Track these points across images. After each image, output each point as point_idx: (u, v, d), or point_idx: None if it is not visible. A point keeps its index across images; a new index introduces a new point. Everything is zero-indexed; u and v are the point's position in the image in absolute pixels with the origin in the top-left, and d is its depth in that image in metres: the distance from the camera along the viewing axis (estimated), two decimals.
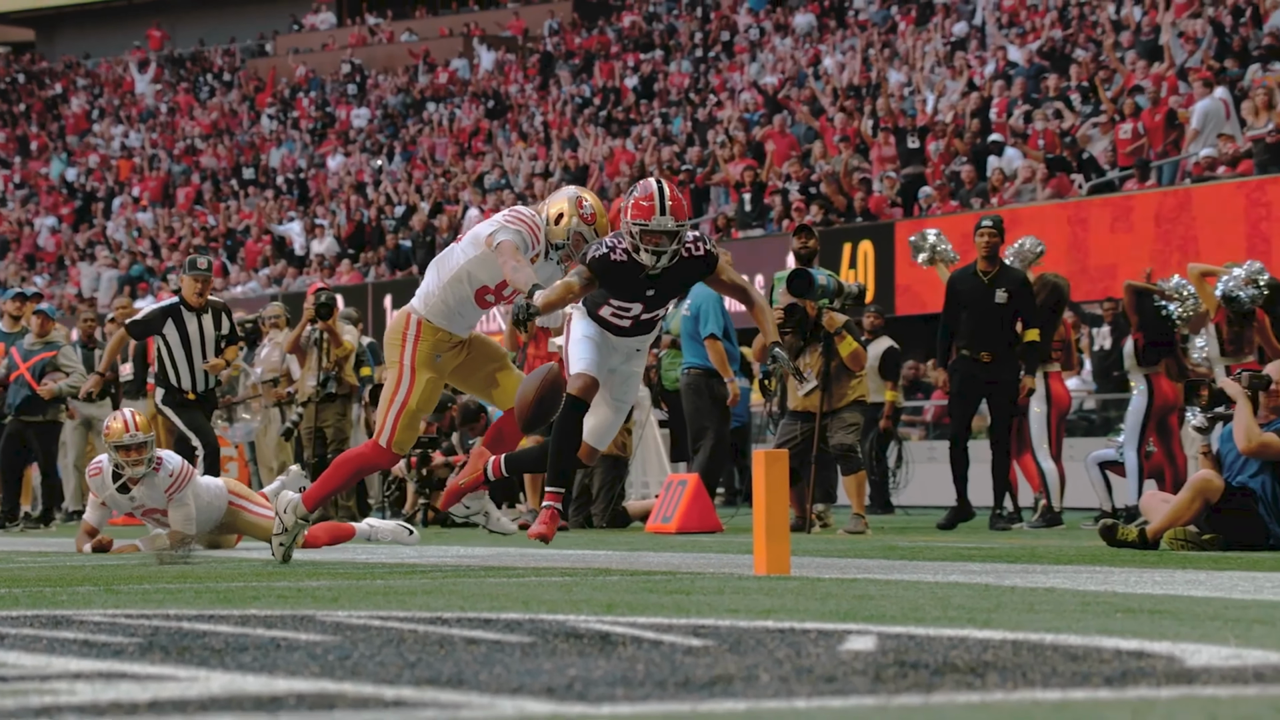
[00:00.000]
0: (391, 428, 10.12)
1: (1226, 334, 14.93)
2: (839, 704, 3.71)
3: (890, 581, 7.81)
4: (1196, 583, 7.66)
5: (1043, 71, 30.10)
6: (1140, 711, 3.58)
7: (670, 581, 7.90)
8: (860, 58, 35.25)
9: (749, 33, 40.97)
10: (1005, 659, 4.44)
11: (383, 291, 34.78)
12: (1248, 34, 27.96)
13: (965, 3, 36.13)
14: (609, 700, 3.75)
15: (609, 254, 9.17)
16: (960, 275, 15.45)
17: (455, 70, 47.11)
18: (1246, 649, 4.65)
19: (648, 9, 46.31)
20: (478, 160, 39.54)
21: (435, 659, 4.52)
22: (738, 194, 30.75)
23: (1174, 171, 25.74)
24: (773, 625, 5.44)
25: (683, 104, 38.02)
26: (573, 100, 41.02)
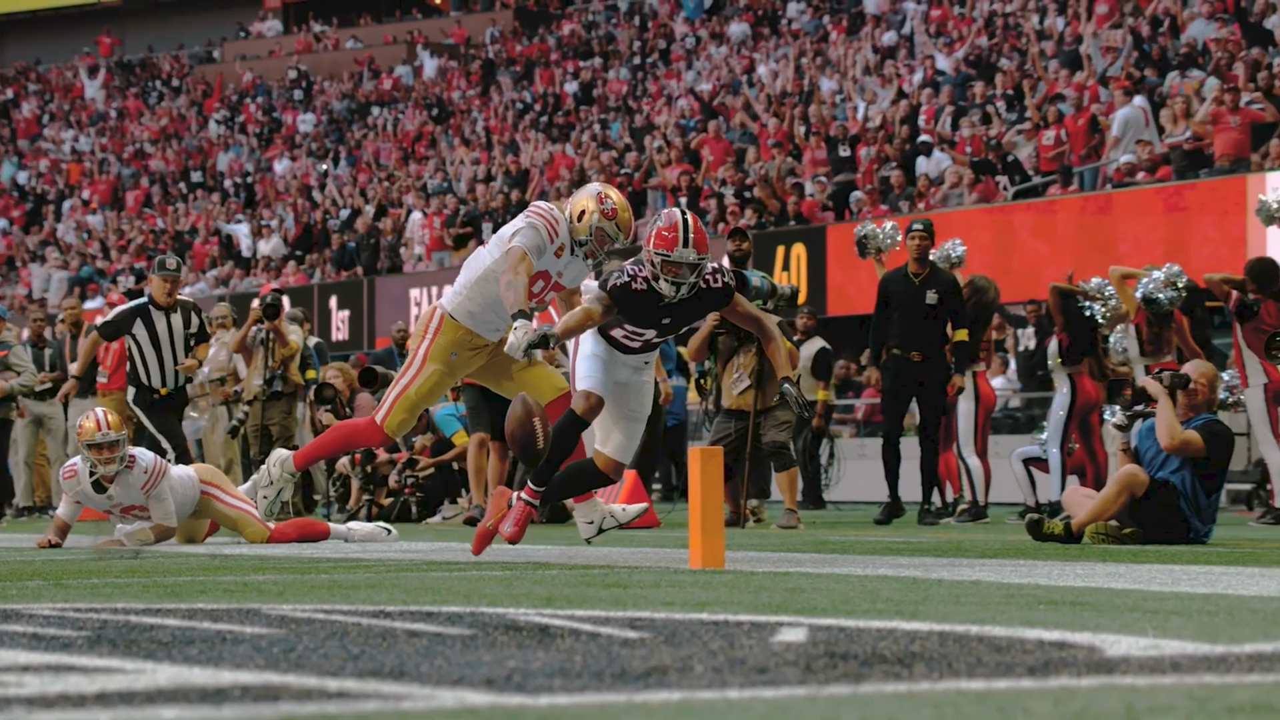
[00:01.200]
0: (388, 408, 10.09)
1: (1146, 335, 15.01)
2: (771, 694, 3.71)
3: (821, 575, 7.83)
4: (1116, 575, 7.70)
5: (969, 80, 30.22)
6: (1061, 700, 3.59)
7: (608, 575, 7.90)
8: (793, 65, 35.32)
9: (685, 41, 41.00)
10: (932, 650, 4.45)
11: (328, 293, 34.67)
12: (1166, 44, 28.14)
13: (895, 13, 36.24)
14: (547, 691, 3.75)
15: (630, 283, 9.01)
16: (891, 277, 15.51)
17: (399, 77, 47.00)
18: (1164, 639, 4.67)
19: (587, 17, 46.30)
20: (421, 164, 39.46)
21: (378, 651, 4.51)
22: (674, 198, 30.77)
23: (1095, 177, 25.88)
24: (707, 618, 5.44)
25: (621, 110, 38.02)
26: (514, 106, 40.97)
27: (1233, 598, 6.30)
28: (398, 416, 10.10)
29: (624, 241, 9.84)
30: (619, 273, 9.07)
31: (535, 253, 9.77)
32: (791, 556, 9.56)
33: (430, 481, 17.68)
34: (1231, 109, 23.77)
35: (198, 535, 12.21)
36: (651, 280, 8.99)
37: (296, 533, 12.03)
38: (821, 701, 3.60)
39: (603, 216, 9.70)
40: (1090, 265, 18.59)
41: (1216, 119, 23.83)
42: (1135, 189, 24.50)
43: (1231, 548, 10.51)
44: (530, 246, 9.74)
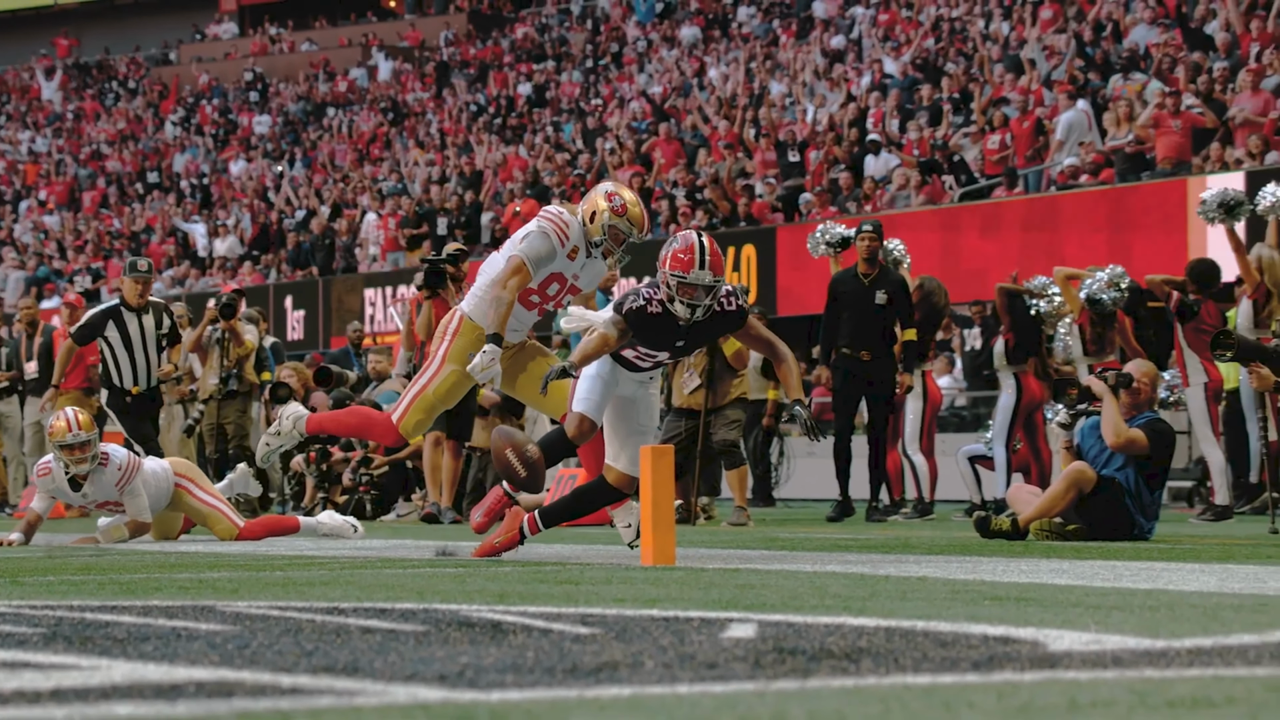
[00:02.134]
0: (405, 408, 9.92)
1: (1089, 335, 15.07)
2: (720, 689, 3.71)
3: (771, 571, 7.84)
4: (1060, 571, 7.73)
5: (916, 83, 30.31)
6: (1005, 695, 3.60)
7: (560, 572, 7.89)
8: (743, 69, 35.36)
9: (637, 44, 41.01)
10: (879, 645, 4.46)
11: (284, 293, 34.57)
12: (1109, 48, 28.27)
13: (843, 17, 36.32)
14: (499, 687, 3.75)
15: (645, 306, 8.87)
16: (841, 277, 15.55)
17: (354, 79, 46.91)
18: (1106, 634, 4.69)
19: (540, 21, 46.27)
20: (376, 166, 39.37)
21: (332, 647, 4.50)
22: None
23: (1040, 179, 25.98)
24: (658, 614, 5.45)
25: (574, 112, 38.01)
26: (468, 108, 40.92)
27: (1173, 593, 6.33)
28: (414, 417, 9.92)
29: (639, 236, 9.64)
30: (634, 296, 8.93)
31: (540, 261, 9.59)
32: (741, 553, 9.57)
33: (385, 479, 17.64)
34: (1173, 113, 23.89)
35: (172, 532, 12.16)
36: (667, 303, 8.84)
37: (265, 530, 11.99)
38: (770, 696, 3.60)
39: (613, 214, 9.54)
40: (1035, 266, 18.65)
41: (1158, 123, 23.95)
42: (1079, 191, 24.61)
43: (1173, 544, 10.56)
44: (533, 254, 9.57)
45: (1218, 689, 3.65)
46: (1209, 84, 24.86)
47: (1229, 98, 24.37)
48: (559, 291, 9.78)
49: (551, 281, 9.75)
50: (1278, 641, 4.49)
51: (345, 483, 17.66)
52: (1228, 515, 14.52)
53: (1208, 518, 14.50)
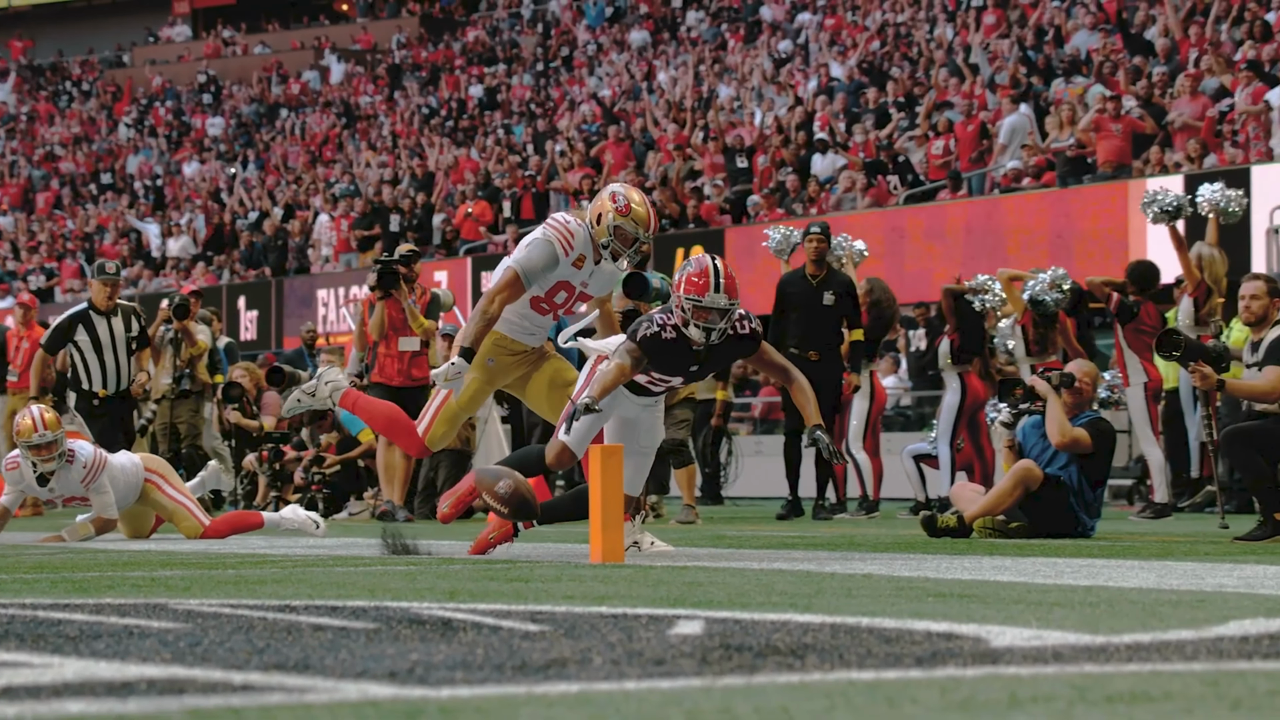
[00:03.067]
0: (429, 421, 9.73)
1: (1032, 335, 15.13)
2: (667, 685, 3.71)
3: (718, 569, 7.85)
4: (1002, 568, 7.76)
5: (862, 87, 30.38)
6: (947, 690, 3.61)
7: (510, 570, 7.88)
8: (692, 72, 35.39)
9: (587, 48, 41.00)
10: (824, 641, 4.47)
11: (236, 293, 34.46)
12: (1051, 52, 28.39)
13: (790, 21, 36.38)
14: (449, 683, 3.74)
15: (660, 332, 8.71)
16: (790, 278, 15.59)
17: (307, 81, 46.77)
18: (1047, 630, 4.71)
19: (491, 24, 46.22)
20: (328, 168, 39.27)
21: (283, 645, 4.48)
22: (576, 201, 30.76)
23: (983, 182, 26.08)
24: (606, 611, 5.44)
25: (525, 115, 37.98)
26: (419, 111, 40.85)
27: (1113, 590, 6.36)
28: (439, 429, 9.74)
29: (645, 236, 9.44)
30: (647, 322, 8.77)
31: (536, 272, 9.42)
32: (689, 551, 9.58)
33: (336, 478, 17.60)
34: (1113, 117, 24.00)
35: (144, 530, 12.08)
36: (681, 327, 8.70)
37: (229, 528, 11.93)
38: (716, 692, 3.60)
39: (617, 214, 9.35)
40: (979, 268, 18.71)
41: (1099, 127, 24.07)
42: (1021, 194, 24.71)
43: (1113, 541, 10.61)
44: (529, 266, 9.40)
45: (1156, 684, 3.67)
46: (1148, 88, 25.00)
47: (1168, 102, 24.50)
48: (567, 299, 9.60)
49: (559, 289, 9.56)
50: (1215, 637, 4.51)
51: (297, 481, 17.61)
52: (1167, 513, 14.60)
53: (1147, 515, 14.57)
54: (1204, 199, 14.94)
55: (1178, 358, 10.68)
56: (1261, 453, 10.46)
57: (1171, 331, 10.96)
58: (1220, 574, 7.21)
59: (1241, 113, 23.58)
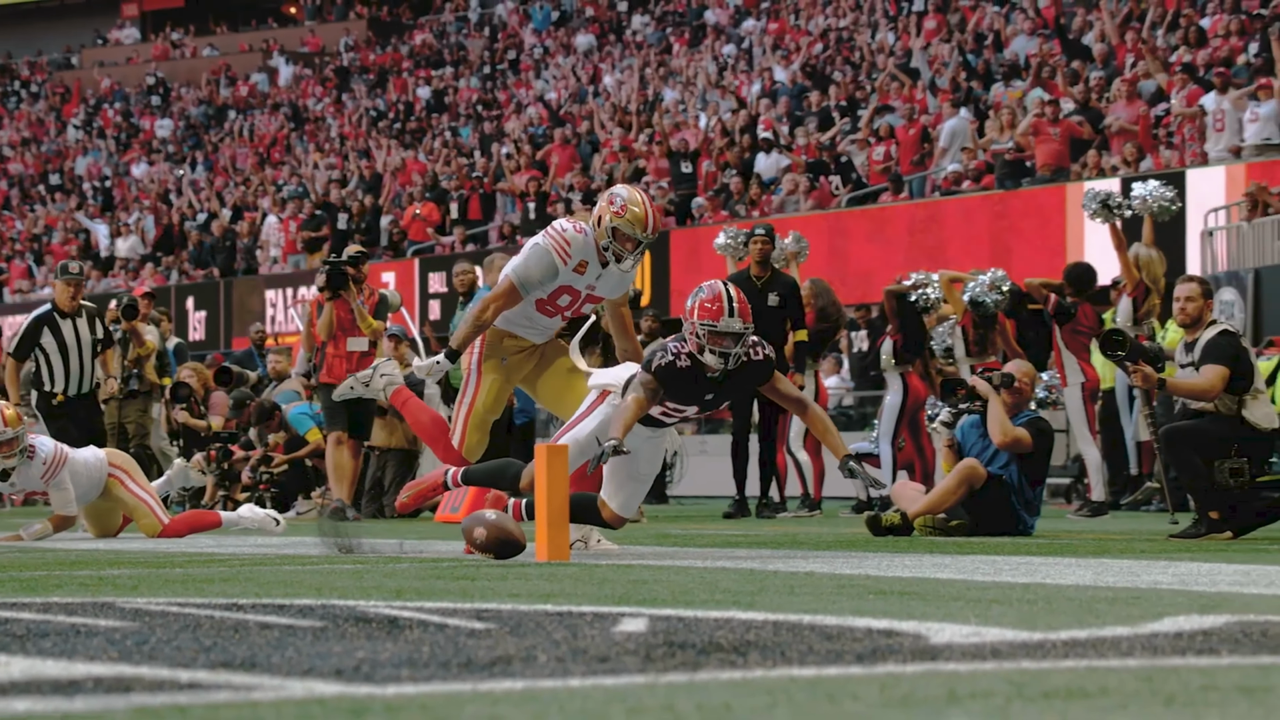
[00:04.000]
0: (461, 432, 9.58)
1: (972, 336, 15.18)
2: (611, 682, 3.71)
3: (663, 567, 7.85)
4: (942, 566, 7.78)
5: (805, 90, 30.44)
6: (887, 686, 3.62)
7: (456, 568, 7.87)
8: (637, 76, 35.40)
9: (534, 51, 40.97)
10: (766, 638, 4.47)
11: (185, 294, 34.32)
12: (990, 57, 28.51)
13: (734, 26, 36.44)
14: (394, 681, 3.73)
15: (674, 361, 8.54)
16: (735, 279, 15.59)
17: (255, 83, 46.60)
18: (985, 627, 4.73)
19: (438, 27, 46.14)
20: (277, 169, 39.14)
21: (230, 643, 4.46)
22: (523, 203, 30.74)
23: (924, 185, 26.17)
24: (551, 609, 5.44)
25: (471, 117, 37.93)
26: (367, 113, 40.75)
27: (1050, 587, 6.38)
28: (472, 438, 9.60)
29: (644, 235, 9.23)
30: (662, 352, 8.60)
31: (532, 282, 9.31)
32: (634, 549, 9.57)
33: (284, 478, 17.54)
34: (1052, 121, 24.11)
35: (110, 529, 11.99)
36: (697, 354, 8.54)
37: (188, 527, 11.86)
38: (660, 689, 3.60)
39: (614, 215, 9.19)
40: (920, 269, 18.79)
41: (1037, 130, 24.18)
42: (962, 197, 24.80)
43: (1051, 539, 10.65)
44: (524, 276, 9.31)
45: (1092, 680, 3.69)
46: (1086, 93, 25.13)
47: (1105, 106, 24.64)
48: (572, 302, 9.47)
49: (562, 293, 9.42)
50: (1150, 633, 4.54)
51: (245, 481, 17.54)
52: (1103, 511, 14.67)
53: (1085, 513, 14.64)
54: (1136, 197, 15.03)
55: (1122, 357, 10.74)
56: (1198, 451, 10.52)
57: (1116, 331, 11.02)
58: (1156, 571, 7.25)
59: (1177, 115, 23.73)
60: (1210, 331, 10.72)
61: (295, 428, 17.57)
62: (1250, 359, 10.86)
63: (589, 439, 8.90)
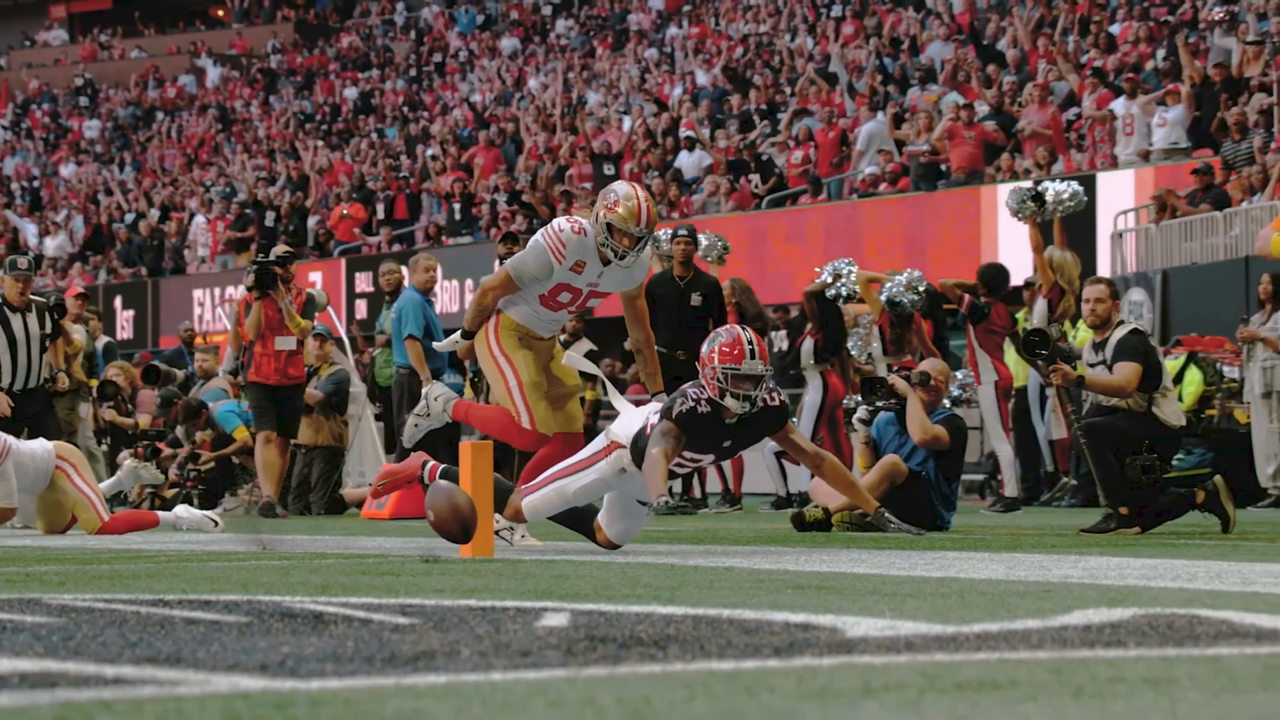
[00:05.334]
0: (526, 412, 9.30)
1: (889, 335, 15.25)
2: (533, 676, 3.71)
3: (585, 562, 7.85)
4: (859, 561, 7.81)
5: (726, 94, 30.50)
6: (804, 679, 3.63)
7: (382, 564, 7.85)
8: (561, 79, 35.38)
9: (459, 54, 40.88)
10: (686, 632, 4.48)
11: (113, 293, 34.09)
12: (907, 61, 28.64)
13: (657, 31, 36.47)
14: (318, 675, 3.72)
15: (695, 407, 8.36)
16: (657, 279, 15.63)
17: (183, 85, 46.31)
18: (900, 620, 4.74)
19: (365, 30, 45.97)
20: (205, 170, 38.91)
21: (155, 638, 4.43)
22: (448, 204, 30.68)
23: (841, 187, 26.27)
24: (475, 604, 5.43)
25: (398, 119, 37.81)
26: (295, 115, 40.56)
27: (964, 581, 6.42)
28: (539, 410, 9.33)
29: (639, 230, 9.04)
30: (681, 398, 8.39)
31: (527, 277, 9.20)
32: (558, 545, 9.56)
33: (211, 475, 17.44)
34: (966, 124, 24.25)
35: (59, 524, 11.85)
36: (717, 398, 8.36)
37: (126, 526, 11.75)
38: (580, 683, 3.60)
39: (608, 212, 9.03)
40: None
41: (952, 134, 24.31)
42: (879, 199, 24.90)
43: (964, 534, 10.71)
44: (520, 270, 9.20)
45: (1003, 672, 3.71)
46: (999, 97, 25.28)
47: (1018, 110, 24.79)
48: (573, 300, 9.33)
49: (561, 290, 9.28)
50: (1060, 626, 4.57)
51: (172, 478, 17.44)
52: (1016, 507, 14.76)
53: (998, 509, 14.73)
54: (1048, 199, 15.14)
55: (1044, 356, 10.81)
56: (1111, 448, 10.60)
57: (1037, 331, 11.09)
58: (1066, 565, 7.29)
59: (1088, 119, 23.90)
60: (1120, 331, 10.81)
61: (222, 426, 17.48)
62: (1159, 358, 10.96)
63: (583, 492, 8.75)
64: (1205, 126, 22.36)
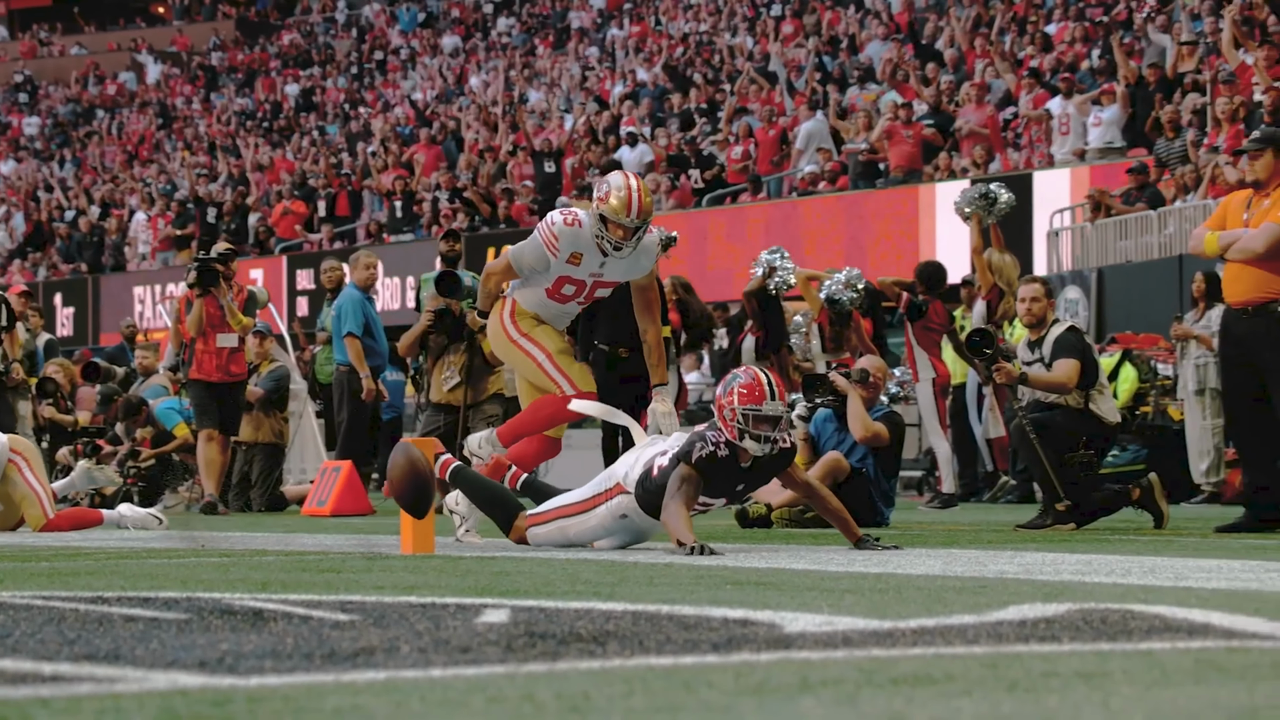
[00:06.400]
0: (563, 375, 9.21)
1: (828, 333, 15.29)
2: (472, 672, 3.70)
3: (526, 559, 7.84)
4: (798, 556, 7.83)
5: (666, 92, 30.52)
6: (742, 674, 3.64)
7: (322, 561, 7.82)
8: (503, 77, 35.32)
9: (400, 52, 40.76)
10: (625, 628, 4.48)
11: (53, 290, 33.87)
12: (846, 60, 28.71)
13: (598, 30, 36.45)
14: (257, 672, 3.70)
15: (715, 451, 8.17)
16: None
17: (123, 82, 46.03)
18: (838, 616, 4.75)
19: (306, 27, 45.79)
20: (145, 167, 38.69)
21: (94, 636, 4.41)
22: (390, 201, 30.59)
23: (781, 186, 26.31)
24: (415, 600, 5.42)
25: (339, 116, 37.69)
26: (236, 112, 40.38)
27: (901, 577, 6.44)
28: (573, 371, 9.26)
29: (630, 221, 8.88)
30: (700, 443, 8.20)
31: (525, 265, 9.11)
32: (498, 542, 9.55)
33: (151, 472, 17.35)
34: (905, 124, 24.32)
35: (10, 520, 11.74)
36: (735, 440, 8.19)
37: (70, 524, 11.67)
38: (520, 679, 3.60)
39: (600, 204, 8.88)
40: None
41: (891, 134, 24.38)
42: (818, 197, 24.95)
43: (902, 530, 10.74)
44: (519, 258, 9.11)
45: (938, 666, 3.72)
46: (937, 96, 25.37)
47: (955, 110, 24.89)
48: (577, 292, 9.23)
49: (563, 283, 9.18)
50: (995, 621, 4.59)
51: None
52: (953, 503, 14.82)
53: (935, 505, 14.78)
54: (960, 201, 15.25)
55: (989, 355, 10.86)
56: (1049, 444, 10.65)
57: (980, 331, 11.13)
58: (1002, 561, 7.33)
59: (1024, 118, 24.02)
60: (1058, 329, 10.87)
61: (163, 423, 17.39)
62: (1095, 355, 11.02)
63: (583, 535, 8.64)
64: (1140, 126, 22.50)
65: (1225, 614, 4.64)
